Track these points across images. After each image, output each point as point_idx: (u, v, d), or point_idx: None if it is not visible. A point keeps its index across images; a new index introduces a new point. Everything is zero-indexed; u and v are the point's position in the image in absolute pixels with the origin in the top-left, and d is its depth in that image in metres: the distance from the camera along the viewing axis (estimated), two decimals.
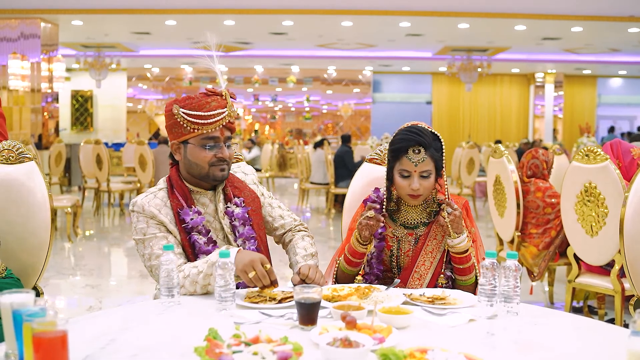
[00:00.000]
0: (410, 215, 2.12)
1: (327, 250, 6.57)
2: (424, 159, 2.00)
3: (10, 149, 2.35)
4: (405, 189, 2.03)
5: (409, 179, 2.02)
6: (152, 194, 2.02)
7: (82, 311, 4.34)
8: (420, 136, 2.00)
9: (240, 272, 1.80)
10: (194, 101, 1.95)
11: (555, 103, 18.91)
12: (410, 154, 2.01)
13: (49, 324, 1.15)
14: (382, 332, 1.40)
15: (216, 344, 1.28)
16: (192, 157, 1.99)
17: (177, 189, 2.01)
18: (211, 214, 2.06)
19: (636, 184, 2.46)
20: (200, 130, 1.96)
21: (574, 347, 1.46)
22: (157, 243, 1.94)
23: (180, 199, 2.00)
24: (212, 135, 1.98)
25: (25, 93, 10.63)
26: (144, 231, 1.96)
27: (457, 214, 1.99)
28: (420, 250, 2.06)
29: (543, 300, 4.65)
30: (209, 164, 1.99)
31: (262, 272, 1.79)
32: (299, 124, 18.69)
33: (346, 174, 8.55)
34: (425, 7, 10.34)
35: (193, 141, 1.98)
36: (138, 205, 1.98)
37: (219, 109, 1.96)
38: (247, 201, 2.10)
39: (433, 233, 2.08)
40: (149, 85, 18.65)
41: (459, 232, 2.00)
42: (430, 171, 2.01)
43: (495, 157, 4.33)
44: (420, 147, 2.00)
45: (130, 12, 10.58)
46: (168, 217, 1.98)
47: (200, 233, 1.98)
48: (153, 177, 8.33)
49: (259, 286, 1.80)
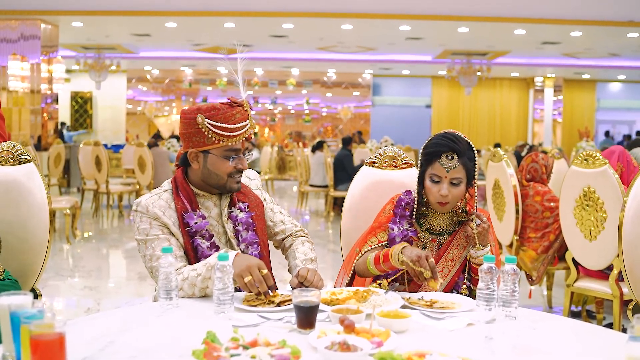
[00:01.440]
0: (437, 222, 2.12)
1: (327, 253, 6.57)
2: (456, 166, 1.99)
3: (9, 150, 2.35)
4: (434, 195, 2.02)
5: (439, 185, 2.01)
6: (156, 195, 2.02)
7: (81, 313, 4.34)
8: (455, 143, 2.00)
9: (236, 276, 1.79)
10: (219, 112, 1.94)
11: (554, 107, 18.93)
12: (443, 160, 2.00)
13: (46, 326, 1.15)
14: (380, 336, 1.40)
15: (214, 347, 1.28)
16: (213, 167, 1.98)
17: (182, 191, 2.01)
18: (215, 218, 2.06)
19: (635, 189, 2.46)
20: (225, 142, 1.95)
21: (572, 352, 1.46)
22: (159, 245, 1.93)
23: (185, 202, 1.99)
24: (235, 148, 1.98)
25: (24, 94, 10.63)
26: (147, 232, 1.96)
27: (486, 227, 2.00)
28: (441, 257, 2.07)
29: (542, 304, 4.65)
30: (227, 175, 1.99)
31: (259, 277, 1.78)
32: (299, 126, 18.70)
33: (345, 176, 8.55)
34: (426, 11, 10.35)
35: (215, 152, 1.97)
36: (142, 206, 1.98)
37: (242, 121, 1.97)
38: (251, 206, 2.10)
39: (456, 242, 2.08)
40: (149, 87, 18.65)
41: (484, 245, 2.01)
42: (460, 179, 2.00)
43: (495, 161, 4.33)
44: (453, 154, 2.00)
45: (131, 13, 10.58)
46: (172, 220, 1.97)
47: (203, 237, 1.97)
48: (152, 179, 8.32)
49: (254, 292, 1.80)
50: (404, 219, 2.10)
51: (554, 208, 4.01)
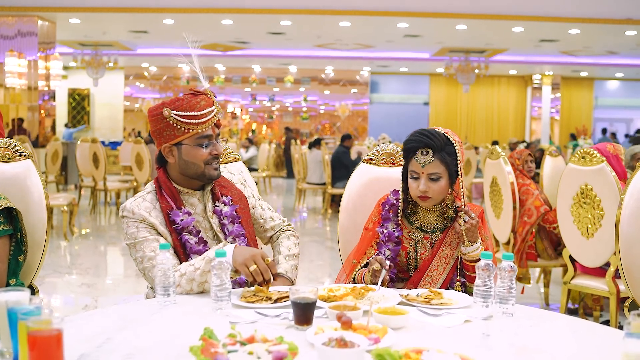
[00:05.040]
0: (427, 219, 2.12)
1: (324, 251, 6.58)
2: (430, 161, 2.00)
3: (6, 146, 2.34)
4: (414, 191, 2.04)
5: (418, 181, 2.03)
6: (140, 197, 2.04)
7: (78, 310, 4.34)
8: (429, 138, 2.00)
9: (240, 266, 1.81)
10: (184, 102, 1.97)
11: (552, 105, 18.96)
12: (418, 156, 2.02)
13: (44, 323, 1.15)
14: (377, 333, 1.40)
15: (212, 344, 1.28)
16: (189, 157, 2.00)
17: (166, 190, 2.03)
18: (200, 214, 2.07)
19: (632, 187, 2.47)
20: (195, 130, 1.98)
21: (569, 349, 1.46)
22: (148, 246, 1.95)
23: (170, 200, 2.01)
24: (206, 134, 2.01)
25: (22, 91, 10.62)
26: (135, 235, 1.97)
27: (474, 223, 2.00)
28: (434, 255, 2.07)
29: (539, 301, 4.66)
30: (204, 162, 2.01)
31: (264, 266, 1.82)
32: (297, 123, 18.69)
33: (343, 174, 8.55)
34: (424, 8, 10.35)
35: (188, 142, 2.00)
36: (127, 210, 1.99)
37: (208, 107, 1.99)
38: (235, 199, 2.12)
39: (448, 239, 2.08)
40: (146, 84, 18.62)
41: (473, 241, 2.01)
42: (439, 174, 2.01)
43: (492, 159, 4.34)
44: (428, 149, 2.00)
45: (128, 10, 10.56)
46: (158, 220, 1.99)
47: (191, 233, 1.99)
48: (150, 175, 8.31)
49: (259, 280, 1.81)
50: (388, 221, 2.12)
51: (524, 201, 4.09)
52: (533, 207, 4.10)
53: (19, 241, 2.11)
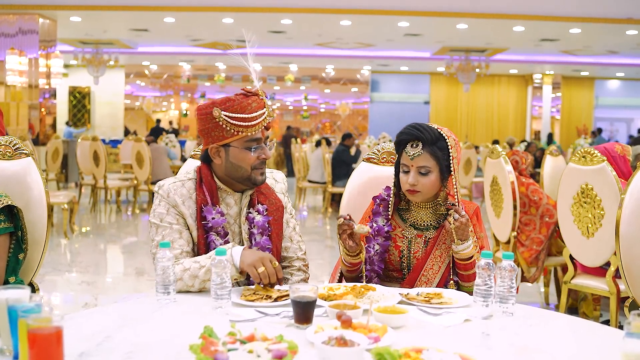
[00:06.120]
0: (420, 216, 2.11)
1: (324, 250, 6.58)
2: (420, 154, 1.99)
3: (7, 144, 2.34)
4: (404, 184, 2.04)
5: (408, 174, 2.02)
6: (180, 181, 2.00)
7: (78, 308, 4.34)
8: (419, 131, 2.00)
9: (248, 267, 1.80)
10: (235, 103, 1.91)
11: (552, 104, 18.95)
12: (408, 148, 2.02)
13: (44, 320, 1.15)
14: (377, 332, 1.40)
15: (211, 342, 1.28)
16: (236, 160, 1.96)
17: (206, 183, 1.98)
18: (233, 217, 2.03)
19: (632, 186, 2.47)
20: (244, 132, 1.92)
21: (569, 349, 1.46)
22: (169, 234, 1.93)
23: (207, 195, 1.97)
24: (256, 137, 1.95)
25: (22, 89, 10.61)
26: (162, 217, 1.94)
27: (464, 221, 1.96)
28: (429, 254, 2.05)
29: (539, 301, 4.66)
30: (252, 167, 1.96)
31: (272, 270, 1.80)
32: (297, 122, 18.68)
33: (344, 173, 8.56)
34: (424, 7, 10.35)
35: (236, 144, 1.95)
36: (164, 190, 1.96)
37: (259, 109, 1.94)
38: (271, 210, 2.05)
39: (442, 237, 2.06)
40: (147, 83, 18.63)
41: (463, 239, 1.99)
42: (428, 168, 2.00)
43: (493, 158, 4.33)
44: (418, 142, 2.00)
45: (129, 8, 10.56)
46: (190, 211, 1.96)
47: (218, 234, 1.95)
48: (150, 174, 8.32)
49: (265, 282, 1.81)
50: (378, 215, 2.11)
51: (538, 202, 4.04)
52: (550, 206, 4.07)
53: (20, 239, 2.11)
